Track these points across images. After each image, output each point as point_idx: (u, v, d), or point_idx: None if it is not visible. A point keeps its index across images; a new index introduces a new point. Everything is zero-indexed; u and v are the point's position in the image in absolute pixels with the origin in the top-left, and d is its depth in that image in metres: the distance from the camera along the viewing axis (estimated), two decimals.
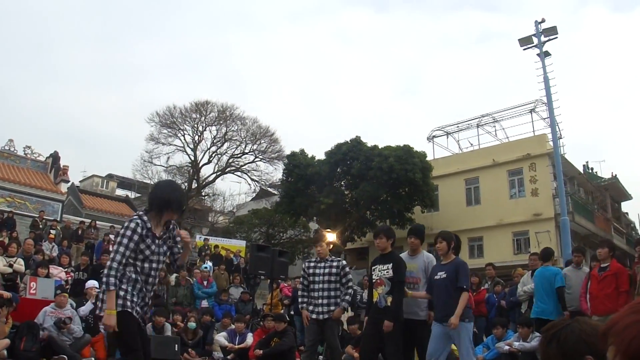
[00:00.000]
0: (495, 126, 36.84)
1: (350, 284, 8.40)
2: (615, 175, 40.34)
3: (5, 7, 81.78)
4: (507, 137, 35.99)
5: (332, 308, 8.20)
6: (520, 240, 31.66)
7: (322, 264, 8.36)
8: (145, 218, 4.92)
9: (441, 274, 7.23)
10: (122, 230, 4.86)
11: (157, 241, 4.95)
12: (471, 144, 37.55)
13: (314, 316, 8.37)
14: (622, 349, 1.41)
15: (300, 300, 8.82)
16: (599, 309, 9.03)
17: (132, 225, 4.81)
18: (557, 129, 25.32)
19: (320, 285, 8.33)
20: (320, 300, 8.25)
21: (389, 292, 7.56)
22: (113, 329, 4.69)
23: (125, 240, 4.78)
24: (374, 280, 7.84)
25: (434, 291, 7.33)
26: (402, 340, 7.51)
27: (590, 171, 40.41)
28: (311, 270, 8.45)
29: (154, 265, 4.97)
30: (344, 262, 8.52)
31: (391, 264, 7.64)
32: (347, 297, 8.32)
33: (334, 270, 8.29)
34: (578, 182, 36.66)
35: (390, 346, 7.53)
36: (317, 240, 8.66)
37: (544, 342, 2.40)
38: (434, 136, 38.86)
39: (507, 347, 10.29)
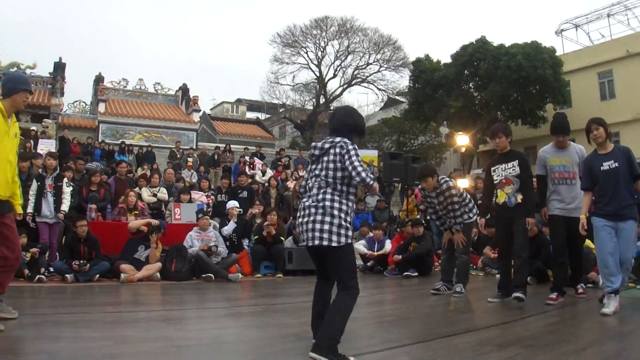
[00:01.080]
0: (627, 14, 34.20)
1: (454, 206, 8.10)
2: None
3: None
4: None
5: (458, 220, 8.16)
6: None
7: (434, 193, 8.24)
8: None
9: (610, 164, 6.51)
10: (350, 149, 4.44)
11: None
12: (602, 35, 35.21)
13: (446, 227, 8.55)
14: None
15: (438, 223, 8.81)
16: None
17: (354, 147, 4.49)
18: None
19: (442, 212, 8.34)
20: (449, 221, 8.28)
21: (519, 189, 7.34)
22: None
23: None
24: (496, 181, 7.60)
25: (602, 184, 6.60)
26: (562, 236, 7.31)
27: None
28: (429, 200, 8.42)
29: None
30: (445, 186, 8.10)
31: (517, 161, 7.43)
32: (458, 220, 8.13)
33: (441, 198, 8.17)
34: None
35: (521, 238, 7.37)
36: (420, 176, 8.39)
37: None
38: (562, 30, 36.75)
39: None
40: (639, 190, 6.60)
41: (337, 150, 4.47)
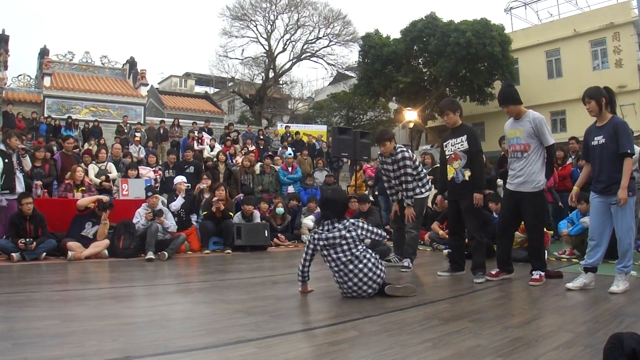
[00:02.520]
0: None
1: (407, 178, 8.13)
2: None
3: None
4: (589, 6, 34.10)
5: (409, 194, 8.18)
6: None
7: (390, 159, 8.26)
8: None
9: (599, 139, 6.27)
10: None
11: None
12: (551, 14, 36.15)
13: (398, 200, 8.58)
14: None
15: (389, 192, 8.84)
16: None
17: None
18: None
19: (394, 182, 8.39)
20: (401, 193, 8.29)
21: (466, 165, 7.28)
22: None
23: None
24: (447, 156, 7.55)
25: (592, 159, 6.44)
26: (508, 210, 7.16)
27: None
28: (385, 167, 8.43)
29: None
30: (400, 156, 8.15)
31: (465, 136, 7.34)
32: (409, 194, 8.16)
33: (396, 166, 8.21)
34: None
35: (472, 220, 7.40)
36: (378, 140, 8.38)
37: None
38: (512, 7, 37.46)
39: None
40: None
41: None
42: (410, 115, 25.17)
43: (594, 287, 6.33)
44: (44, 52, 33.50)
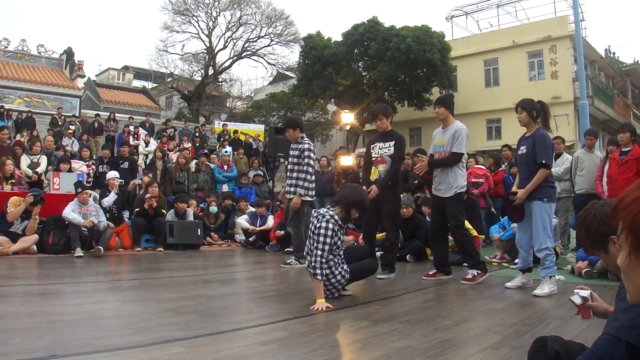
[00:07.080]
0: (515, 6, 36.54)
1: (305, 168, 8.29)
2: (638, 60, 39.75)
3: None
4: (528, 18, 35.61)
5: (292, 189, 8.34)
6: None
7: (294, 145, 8.33)
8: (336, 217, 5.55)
9: (523, 149, 6.69)
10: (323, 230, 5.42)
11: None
12: (491, 25, 37.37)
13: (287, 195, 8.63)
14: (628, 224, 1.41)
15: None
16: (618, 192, 8.94)
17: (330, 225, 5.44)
18: (580, 11, 24.61)
19: (290, 167, 8.40)
20: (288, 181, 8.32)
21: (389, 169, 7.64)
22: None
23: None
24: (373, 159, 7.81)
25: (517, 166, 7.01)
26: (437, 214, 7.51)
27: (612, 55, 39.93)
28: (290, 152, 8.46)
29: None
30: (306, 146, 8.33)
31: (393, 142, 7.63)
32: (300, 183, 8.27)
33: (296, 152, 8.23)
34: (599, 66, 36.20)
35: (390, 222, 7.76)
36: (287, 125, 8.50)
37: (578, 229, 2.59)
38: (453, 16, 38.47)
39: None
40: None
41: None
42: (347, 118, 25.21)
43: (531, 285, 6.64)
44: None
